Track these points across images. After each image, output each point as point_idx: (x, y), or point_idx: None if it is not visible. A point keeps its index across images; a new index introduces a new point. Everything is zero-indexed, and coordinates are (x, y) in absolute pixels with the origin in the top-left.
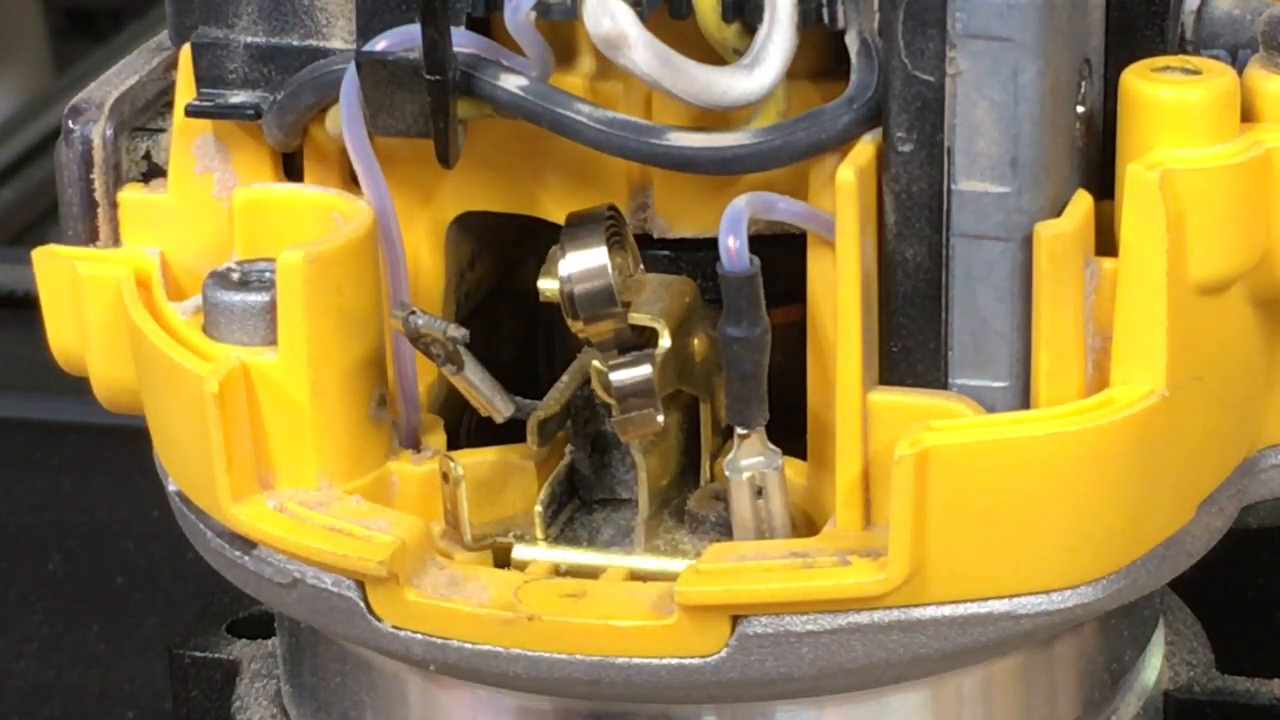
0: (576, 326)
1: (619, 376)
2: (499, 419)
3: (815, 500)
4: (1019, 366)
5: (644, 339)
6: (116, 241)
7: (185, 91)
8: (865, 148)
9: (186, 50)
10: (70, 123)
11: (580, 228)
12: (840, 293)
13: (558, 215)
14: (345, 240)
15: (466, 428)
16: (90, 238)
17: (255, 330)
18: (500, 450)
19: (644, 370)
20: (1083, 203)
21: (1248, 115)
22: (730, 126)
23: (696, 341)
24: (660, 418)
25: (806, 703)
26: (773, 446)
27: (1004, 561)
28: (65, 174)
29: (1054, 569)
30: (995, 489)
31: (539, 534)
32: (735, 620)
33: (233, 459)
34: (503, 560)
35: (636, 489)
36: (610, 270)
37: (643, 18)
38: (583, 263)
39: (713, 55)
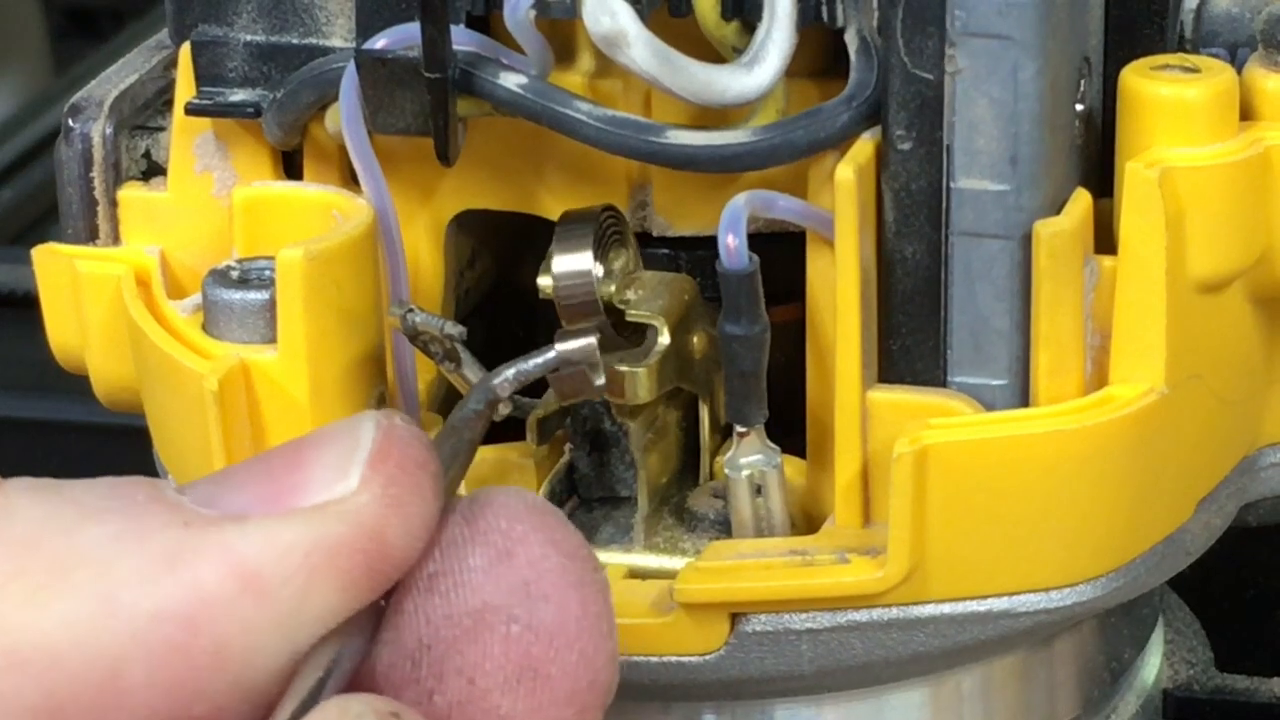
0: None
1: (563, 347)
2: (496, 418)
3: (814, 498)
4: (1018, 364)
5: (640, 336)
6: (116, 240)
7: (185, 90)
8: (864, 146)
9: (186, 48)
10: (70, 121)
11: (571, 226)
12: (839, 291)
13: (557, 213)
14: (345, 238)
15: None
16: (90, 236)
17: (255, 328)
18: (500, 448)
19: (589, 340)
20: (1082, 201)
21: (1247, 113)
22: (729, 124)
23: (696, 339)
24: (600, 381)
25: (805, 700)
26: (772, 444)
27: (1003, 559)
28: (65, 173)
29: (1053, 567)
30: (994, 487)
31: None
32: (734, 618)
33: (232, 457)
34: None
35: (636, 487)
36: (594, 275)
37: (642, 16)
38: (567, 265)
39: (712, 53)
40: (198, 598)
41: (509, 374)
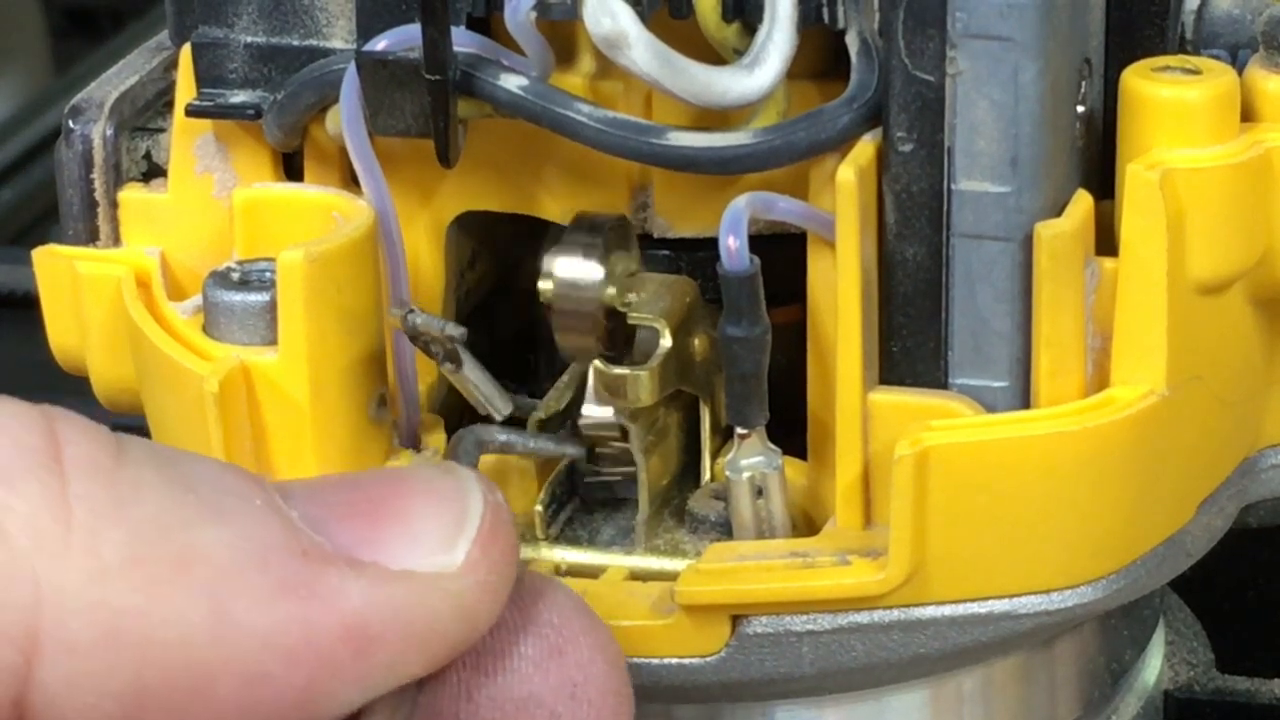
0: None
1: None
2: (498, 418)
3: (815, 500)
4: (1019, 366)
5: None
6: (116, 241)
7: (185, 91)
8: (865, 147)
9: (187, 50)
10: (70, 122)
11: (579, 234)
12: (840, 292)
13: (558, 215)
14: (345, 240)
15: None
16: (90, 237)
17: (255, 330)
18: None
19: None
20: (1083, 202)
21: (1248, 115)
22: (730, 126)
23: (697, 341)
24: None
25: (806, 702)
26: (773, 446)
27: (1004, 561)
28: (65, 174)
29: (1054, 568)
30: (995, 489)
31: (539, 534)
32: (735, 620)
33: (232, 459)
34: None
35: (636, 489)
36: (598, 288)
37: (643, 17)
38: (570, 272)
39: (713, 55)
40: (305, 637)
41: (501, 440)
